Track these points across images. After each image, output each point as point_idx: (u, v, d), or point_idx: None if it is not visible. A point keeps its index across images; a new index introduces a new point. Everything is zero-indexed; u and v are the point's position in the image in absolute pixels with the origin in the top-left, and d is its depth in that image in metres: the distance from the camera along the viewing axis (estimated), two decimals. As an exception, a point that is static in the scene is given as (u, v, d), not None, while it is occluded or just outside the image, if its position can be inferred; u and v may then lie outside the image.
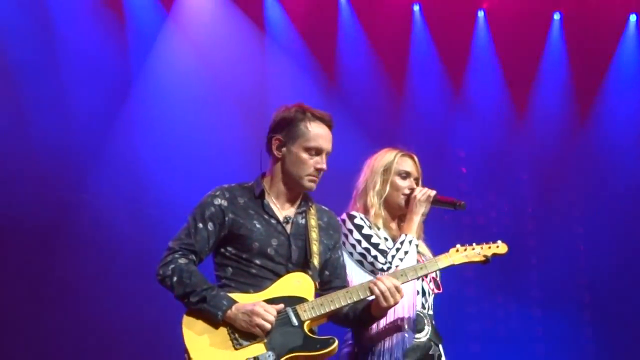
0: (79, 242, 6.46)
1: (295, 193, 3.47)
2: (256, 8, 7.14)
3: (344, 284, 3.50)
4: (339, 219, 3.79)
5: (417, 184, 3.93)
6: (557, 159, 7.45)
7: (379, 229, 3.84)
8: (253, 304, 3.24)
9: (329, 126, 3.46)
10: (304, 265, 3.40)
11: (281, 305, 3.27)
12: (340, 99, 7.24)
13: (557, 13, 7.52)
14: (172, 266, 3.31)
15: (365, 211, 3.89)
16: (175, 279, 3.29)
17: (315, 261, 3.40)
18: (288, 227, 3.43)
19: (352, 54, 7.35)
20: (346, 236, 3.78)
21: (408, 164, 3.94)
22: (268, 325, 3.21)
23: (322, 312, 3.31)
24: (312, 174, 3.41)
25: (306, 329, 3.29)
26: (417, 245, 3.78)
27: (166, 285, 3.33)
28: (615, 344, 7.09)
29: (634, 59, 7.48)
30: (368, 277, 3.70)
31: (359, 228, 3.80)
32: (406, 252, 3.72)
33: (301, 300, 3.33)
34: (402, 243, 3.77)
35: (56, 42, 6.62)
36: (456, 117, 7.48)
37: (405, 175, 3.92)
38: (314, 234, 3.44)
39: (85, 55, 6.65)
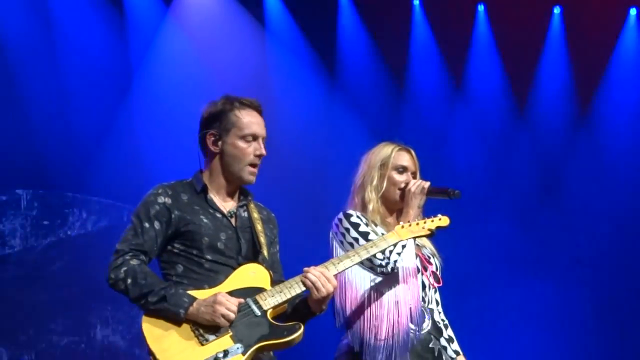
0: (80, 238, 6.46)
1: (235, 187, 3.42)
2: (256, 2, 7.14)
3: (280, 279, 3.43)
4: (334, 222, 3.79)
5: (414, 178, 3.91)
6: (558, 151, 7.45)
7: (376, 225, 3.82)
8: (214, 294, 3.18)
9: (259, 112, 3.42)
10: (254, 257, 3.36)
11: (241, 299, 3.21)
12: (341, 93, 7.25)
13: (558, 7, 7.51)
14: (125, 268, 3.22)
15: (363, 206, 3.87)
16: (129, 281, 3.20)
17: (265, 252, 3.37)
18: (233, 221, 3.39)
19: (353, 47, 7.35)
20: (343, 235, 3.76)
21: (405, 158, 3.92)
22: (232, 315, 3.15)
23: (283, 299, 3.27)
24: (253, 162, 3.36)
25: (270, 318, 3.24)
26: (414, 238, 3.74)
27: (119, 289, 3.23)
28: (617, 333, 7.10)
29: (634, 52, 7.48)
30: (368, 275, 3.70)
31: (356, 226, 3.77)
32: (404, 246, 3.69)
33: (259, 290, 3.27)
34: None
35: (56, 38, 6.62)
36: (456, 110, 7.48)
37: (402, 169, 3.90)
38: (259, 226, 3.40)
39: (85, 50, 6.65)
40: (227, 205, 3.41)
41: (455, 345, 3.91)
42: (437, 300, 3.91)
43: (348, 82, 7.31)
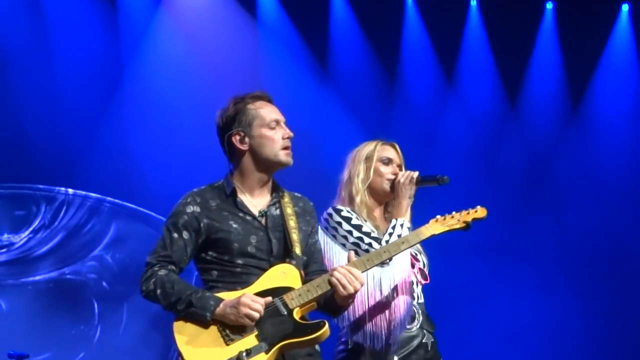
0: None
1: (267, 181, 3.43)
2: (249, -4, 7.15)
3: (321, 268, 3.48)
4: (324, 217, 3.81)
5: (401, 170, 3.95)
6: (548, 146, 7.47)
7: (365, 220, 3.85)
8: (239, 296, 3.22)
9: (269, 100, 3.44)
10: (285, 256, 3.38)
11: (269, 298, 3.25)
12: (333, 88, 7.26)
13: (550, 2, 7.53)
14: (154, 279, 3.29)
15: (351, 200, 3.89)
16: (159, 291, 3.27)
17: (297, 250, 3.38)
18: (264, 221, 3.40)
19: (345, 42, 7.35)
20: (335, 229, 3.79)
21: (389, 152, 3.96)
22: (256, 315, 3.19)
23: (310, 298, 3.29)
24: (285, 145, 3.38)
25: (296, 317, 3.28)
26: (409, 228, 3.78)
27: (152, 299, 3.30)
28: (605, 331, 7.12)
29: (626, 48, 7.50)
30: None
31: (348, 220, 3.80)
32: (399, 236, 3.71)
33: (288, 289, 3.31)
34: (394, 227, 3.78)
35: (47, 32, 6.60)
36: (448, 105, 7.49)
37: (388, 161, 3.93)
38: (292, 222, 3.41)
39: (77, 44, 6.64)
40: (258, 204, 3.42)
41: None
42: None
43: (340, 76, 7.32)
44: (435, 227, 3.56)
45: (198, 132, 6.67)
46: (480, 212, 3.63)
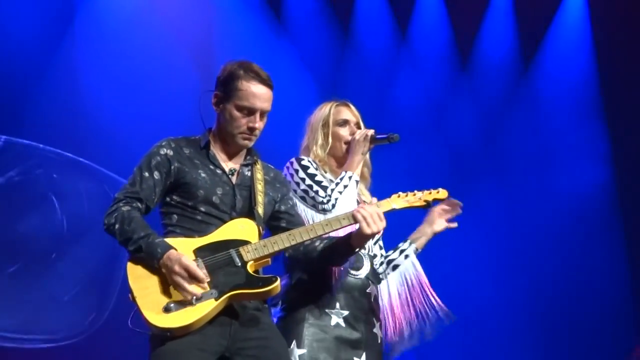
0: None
1: (237, 149, 3.52)
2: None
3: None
4: (286, 165, 3.88)
5: (359, 127, 4.02)
6: (499, 108, 7.52)
7: (326, 172, 3.94)
8: (175, 259, 3.23)
9: (267, 85, 3.46)
10: (248, 214, 3.45)
11: (207, 279, 3.26)
12: (288, 43, 7.22)
13: (505, -40, 7.55)
14: (116, 214, 3.34)
15: None
16: (117, 226, 3.32)
17: (260, 210, 3.46)
18: (233, 178, 3.49)
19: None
20: (292, 176, 3.85)
21: (344, 112, 4.02)
22: (183, 285, 3.20)
23: (265, 253, 3.36)
24: (244, 132, 3.45)
25: (249, 270, 3.33)
26: (357, 182, 3.87)
27: (112, 234, 3.36)
28: (552, 301, 7.23)
29: (578, 8, 7.53)
30: (309, 213, 3.78)
31: (305, 168, 3.87)
32: (345, 186, 3.81)
33: (245, 243, 3.37)
34: (341, 178, 3.86)
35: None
36: (401, 62, 7.50)
37: (344, 122, 4.00)
38: (259, 186, 3.49)
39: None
40: (230, 163, 3.51)
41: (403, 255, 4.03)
42: (380, 246, 4.03)
43: (295, 29, 7.28)
44: (396, 201, 3.62)
45: (152, 79, 6.60)
46: (441, 193, 3.72)
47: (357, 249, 3.53)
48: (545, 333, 7.16)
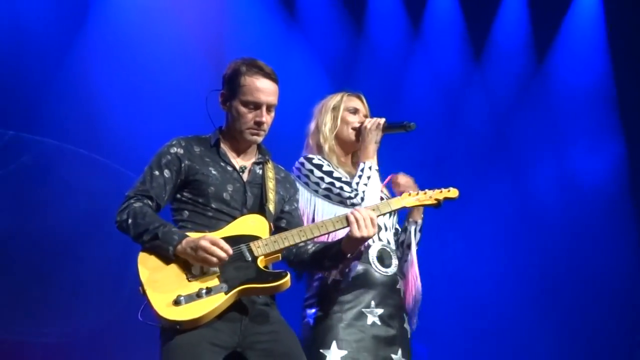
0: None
1: (246, 145, 3.56)
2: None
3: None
4: (296, 166, 3.93)
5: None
6: (512, 101, 7.49)
7: (336, 167, 3.95)
8: (199, 238, 3.29)
9: (272, 79, 3.50)
10: (259, 211, 3.48)
11: (228, 246, 3.30)
12: (300, 34, 7.21)
13: (518, -46, 7.51)
14: (127, 210, 3.37)
15: (319, 149, 4.00)
16: (130, 221, 3.35)
17: (271, 207, 3.49)
18: (244, 176, 3.52)
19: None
20: (307, 177, 3.88)
21: (356, 102, 4.08)
22: (213, 259, 3.25)
23: (275, 249, 3.38)
24: (252, 127, 3.48)
25: (260, 265, 3.35)
26: (377, 171, 3.91)
27: (123, 230, 3.39)
28: (561, 285, 7.22)
29: (592, 6, 7.50)
30: (338, 210, 3.80)
31: (319, 167, 3.90)
32: (368, 177, 3.85)
33: (255, 238, 3.39)
34: (362, 170, 3.90)
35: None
36: (414, 56, 7.48)
37: (354, 110, 4.05)
38: (270, 184, 3.52)
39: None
40: (240, 160, 3.55)
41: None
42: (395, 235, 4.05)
43: (307, 23, 7.27)
44: (407, 200, 3.66)
45: (164, 79, 6.60)
46: (452, 192, 3.73)
47: (348, 255, 3.53)
48: (560, 318, 7.13)
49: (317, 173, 3.87)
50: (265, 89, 3.47)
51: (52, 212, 6.23)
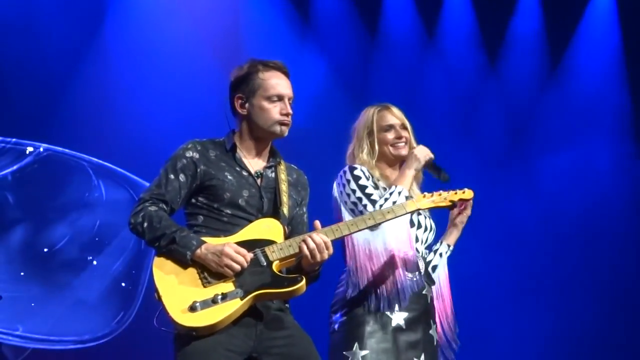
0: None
1: (264, 147, 3.54)
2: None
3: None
4: (340, 173, 3.92)
5: (404, 128, 4.00)
6: (528, 106, 7.48)
7: (378, 180, 3.94)
8: (223, 244, 3.29)
9: (284, 73, 3.52)
10: (273, 214, 3.47)
11: (251, 254, 3.31)
12: (314, 42, 7.21)
13: (532, -41, 7.50)
14: (142, 213, 3.36)
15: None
16: (145, 224, 3.33)
17: (285, 210, 3.48)
18: (259, 181, 3.51)
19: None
20: (344, 186, 3.89)
21: (387, 117, 4.01)
22: (237, 267, 3.26)
23: (291, 253, 3.37)
24: (281, 119, 3.47)
25: (275, 269, 3.34)
26: (406, 197, 3.82)
27: (138, 233, 3.38)
28: (577, 287, 7.19)
29: (607, 9, 7.48)
30: None
31: (357, 179, 3.89)
32: (394, 202, 3.76)
33: (270, 242, 3.39)
34: (391, 193, 3.84)
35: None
36: (428, 61, 7.48)
37: (389, 127, 3.99)
38: (283, 187, 3.51)
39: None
40: (255, 165, 3.53)
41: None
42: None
43: (321, 29, 7.28)
44: (422, 202, 3.65)
45: (180, 82, 6.61)
46: (467, 193, 3.74)
47: (308, 272, 3.43)
48: (574, 317, 7.12)
49: (352, 185, 3.86)
50: (283, 82, 3.49)
51: (67, 220, 6.26)
